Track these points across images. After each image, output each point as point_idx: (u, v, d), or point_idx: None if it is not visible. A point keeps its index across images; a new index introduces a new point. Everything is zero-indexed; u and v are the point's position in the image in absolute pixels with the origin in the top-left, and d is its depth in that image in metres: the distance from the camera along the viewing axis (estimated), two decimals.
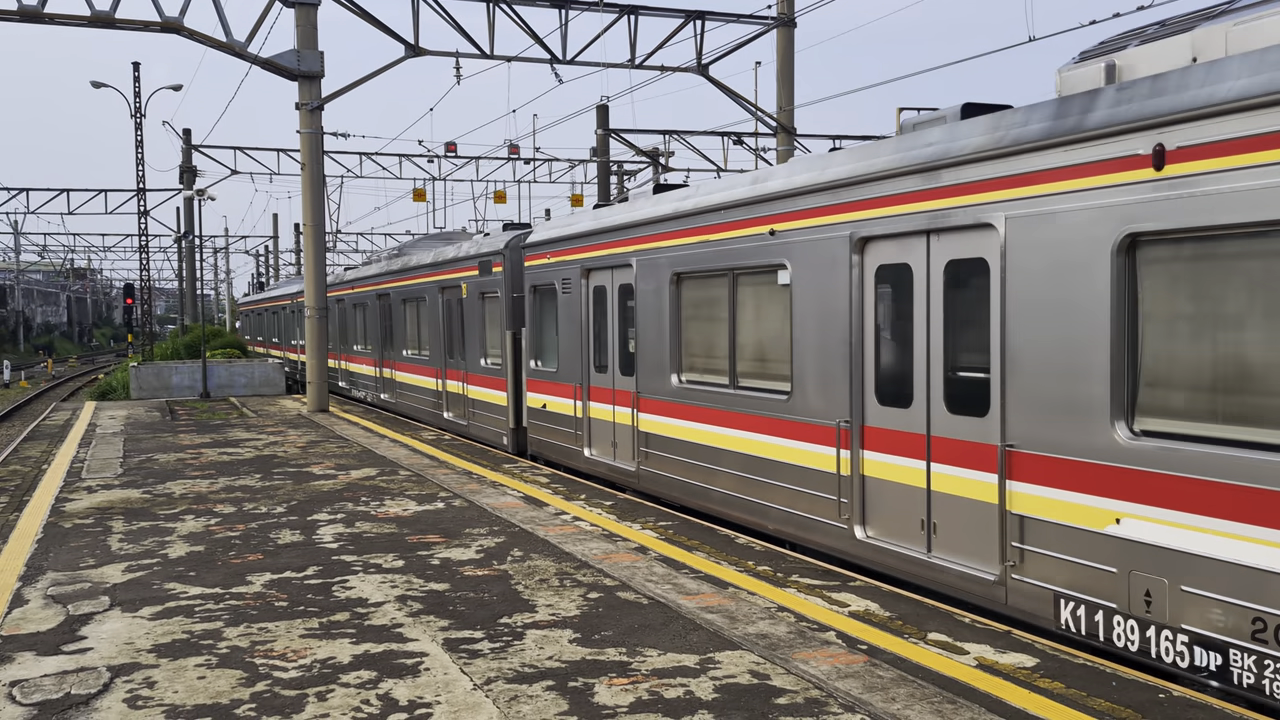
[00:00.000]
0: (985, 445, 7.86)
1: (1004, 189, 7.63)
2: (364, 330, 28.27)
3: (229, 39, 21.80)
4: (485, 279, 18.36)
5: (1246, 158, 6.02)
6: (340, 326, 31.60)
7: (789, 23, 26.81)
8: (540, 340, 16.48)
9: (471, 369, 19.36)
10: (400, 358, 24.66)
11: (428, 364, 22.37)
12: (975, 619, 7.51)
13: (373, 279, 27.14)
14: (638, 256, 13.04)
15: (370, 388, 27.74)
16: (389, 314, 25.63)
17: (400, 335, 24.65)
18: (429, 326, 22.07)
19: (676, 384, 12.28)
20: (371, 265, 28.28)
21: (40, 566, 9.65)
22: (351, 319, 29.97)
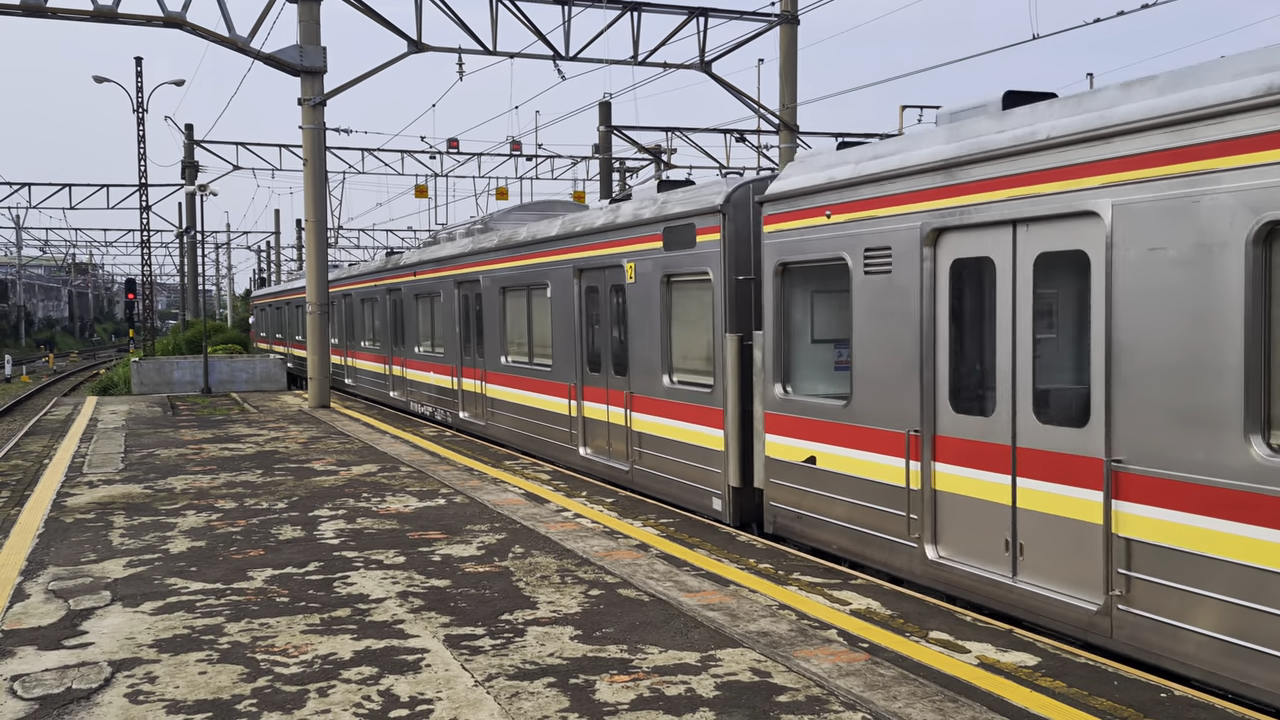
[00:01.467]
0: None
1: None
2: (430, 329, 22.54)
3: (232, 34, 21.78)
4: (676, 255, 12.17)
5: None
6: (392, 323, 25.54)
7: (792, 20, 26.77)
8: (798, 351, 10.43)
9: (641, 389, 13.08)
10: (495, 366, 18.29)
11: (547, 377, 16.00)
12: (976, 618, 7.50)
13: (447, 262, 21.01)
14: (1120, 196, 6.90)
15: (444, 404, 21.44)
16: (474, 307, 19.49)
17: (495, 337, 18.33)
18: (555, 325, 15.67)
19: None
20: (441, 245, 22.16)
21: (41, 561, 9.65)
22: (411, 315, 23.84)
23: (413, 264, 23.44)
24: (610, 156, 38.95)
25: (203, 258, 52.23)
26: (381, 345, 26.32)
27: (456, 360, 20.22)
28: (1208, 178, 6.26)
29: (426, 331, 22.62)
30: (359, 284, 28.88)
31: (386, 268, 25.81)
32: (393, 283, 25.11)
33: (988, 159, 7.72)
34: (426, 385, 22.46)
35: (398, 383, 25.01)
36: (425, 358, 22.47)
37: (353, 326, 30.03)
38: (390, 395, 25.57)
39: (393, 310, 25.30)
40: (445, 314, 21.02)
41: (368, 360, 28.01)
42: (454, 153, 42.01)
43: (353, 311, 29.94)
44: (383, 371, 26.31)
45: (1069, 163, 7.09)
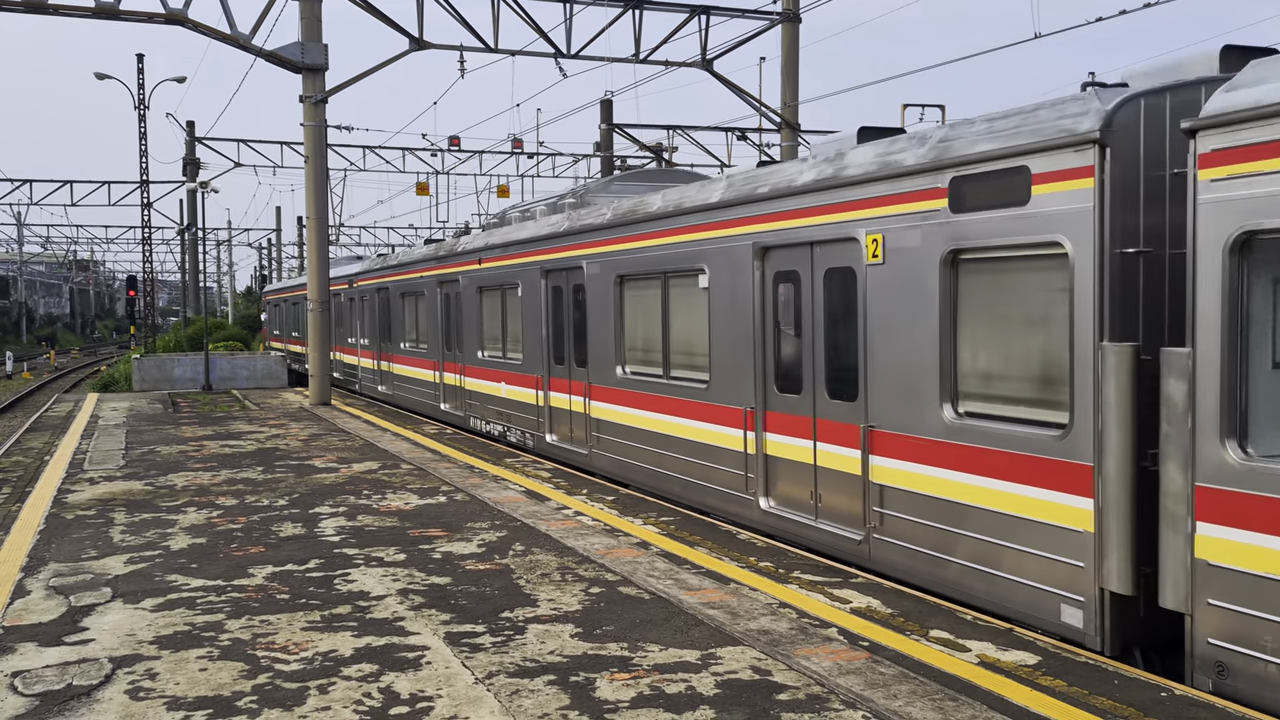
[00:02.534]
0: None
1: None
2: (500, 330, 17.90)
3: (233, 31, 21.78)
4: (979, 219, 7.94)
5: None
6: (445, 322, 21.15)
7: (794, 18, 26.76)
8: (1262, 382, 6.24)
9: (893, 423, 8.81)
10: (606, 379, 13.75)
11: (701, 397, 11.63)
12: (977, 616, 7.50)
13: (530, 245, 16.40)
14: None
15: (521, 423, 16.92)
16: (571, 302, 15.12)
17: (605, 341, 13.82)
18: (716, 328, 11.33)
19: None
20: (516, 226, 17.66)
21: (42, 557, 9.65)
22: (472, 312, 19.27)
23: (475, 249, 18.93)
24: (612, 154, 38.96)
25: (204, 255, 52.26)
26: (429, 348, 22.14)
27: (540, 368, 15.96)
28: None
29: (494, 333, 18.22)
30: (399, 275, 24.53)
31: (439, 255, 21.35)
32: (447, 273, 20.69)
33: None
34: (496, 399, 18.06)
35: (452, 393, 20.88)
36: (494, 364, 18.12)
37: (390, 325, 25.63)
38: (441, 408, 21.42)
39: (446, 306, 21.02)
40: (527, 311, 16.43)
41: (410, 365, 23.94)
42: (455, 150, 42.00)
43: (390, 307, 25.50)
44: (431, 379, 22.12)
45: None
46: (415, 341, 23.53)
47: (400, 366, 24.71)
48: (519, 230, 17.14)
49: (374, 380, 27.35)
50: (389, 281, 25.43)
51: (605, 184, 16.53)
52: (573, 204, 16.09)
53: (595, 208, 14.73)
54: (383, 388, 26.47)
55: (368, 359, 27.97)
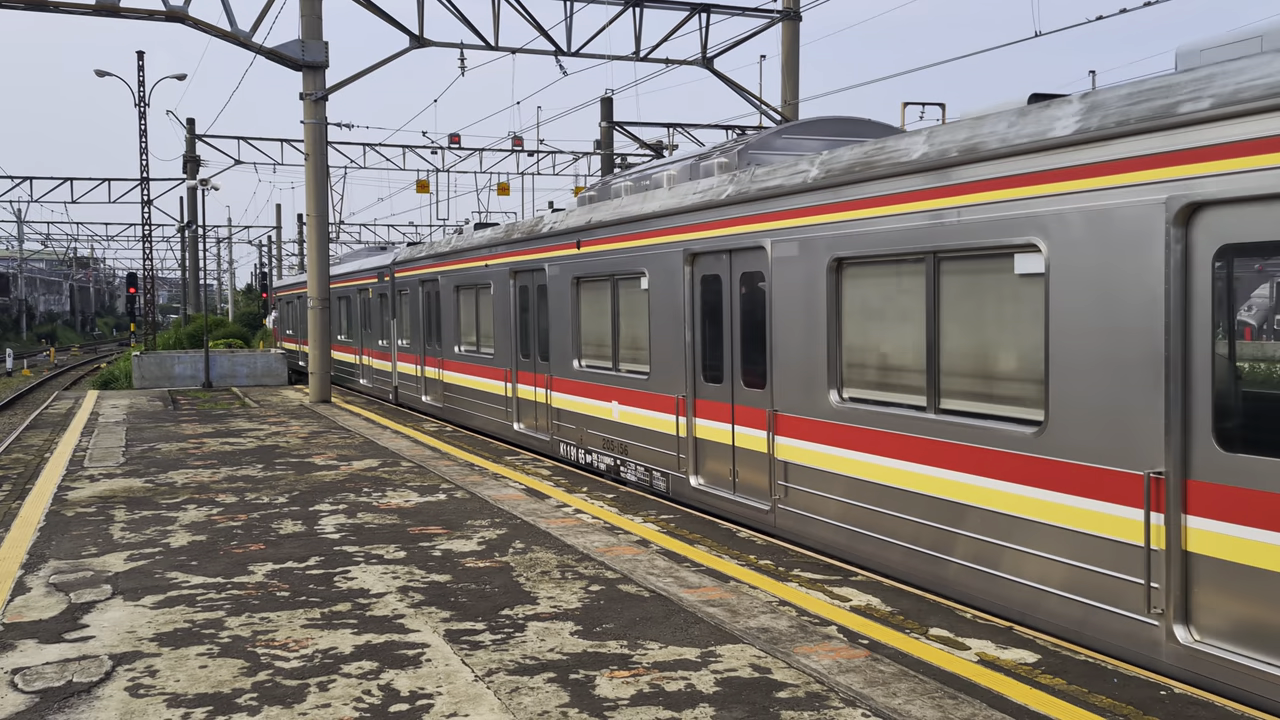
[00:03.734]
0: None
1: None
2: (610, 332, 13.97)
3: (233, 29, 21.78)
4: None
5: None
6: (521, 321, 17.16)
7: (794, 16, 26.76)
8: None
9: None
10: (803, 407, 10.03)
11: (976, 440, 7.96)
12: (977, 614, 7.51)
13: (661, 221, 12.45)
14: None
15: (644, 455, 13.05)
16: (718, 297, 11.49)
17: (796, 351, 10.12)
18: (950, 327, 8.36)
19: None
20: (632, 197, 13.58)
21: (43, 554, 9.66)
22: (563, 309, 15.22)
23: (570, 230, 14.82)
24: (612, 152, 38.97)
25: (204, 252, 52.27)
26: (498, 353, 18.05)
27: (681, 386, 11.94)
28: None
29: (598, 337, 14.30)
30: (453, 265, 20.50)
31: (512, 239, 17.21)
32: (525, 260, 16.63)
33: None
34: (602, 422, 14.09)
35: (530, 410, 16.75)
36: (599, 378, 14.11)
37: (438, 324, 21.62)
38: (515, 429, 17.30)
39: (522, 301, 17.04)
40: (659, 309, 12.39)
41: (468, 373, 19.77)
42: (455, 148, 42.00)
43: (438, 303, 21.58)
44: (498, 392, 18.03)
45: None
46: (475, 344, 19.41)
47: (454, 375, 20.57)
48: (641, 202, 13.01)
49: (415, 389, 23.35)
50: (438, 272, 21.37)
51: (767, 138, 12.26)
52: (725, 163, 11.93)
53: (772, 168, 10.47)
54: (428, 398, 22.29)
55: (408, 364, 23.97)
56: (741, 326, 11.03)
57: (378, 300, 26.92)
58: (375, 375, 27.47)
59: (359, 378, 29.53)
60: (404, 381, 24.47)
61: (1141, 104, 6.60)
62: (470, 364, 19.63)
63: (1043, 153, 7.24)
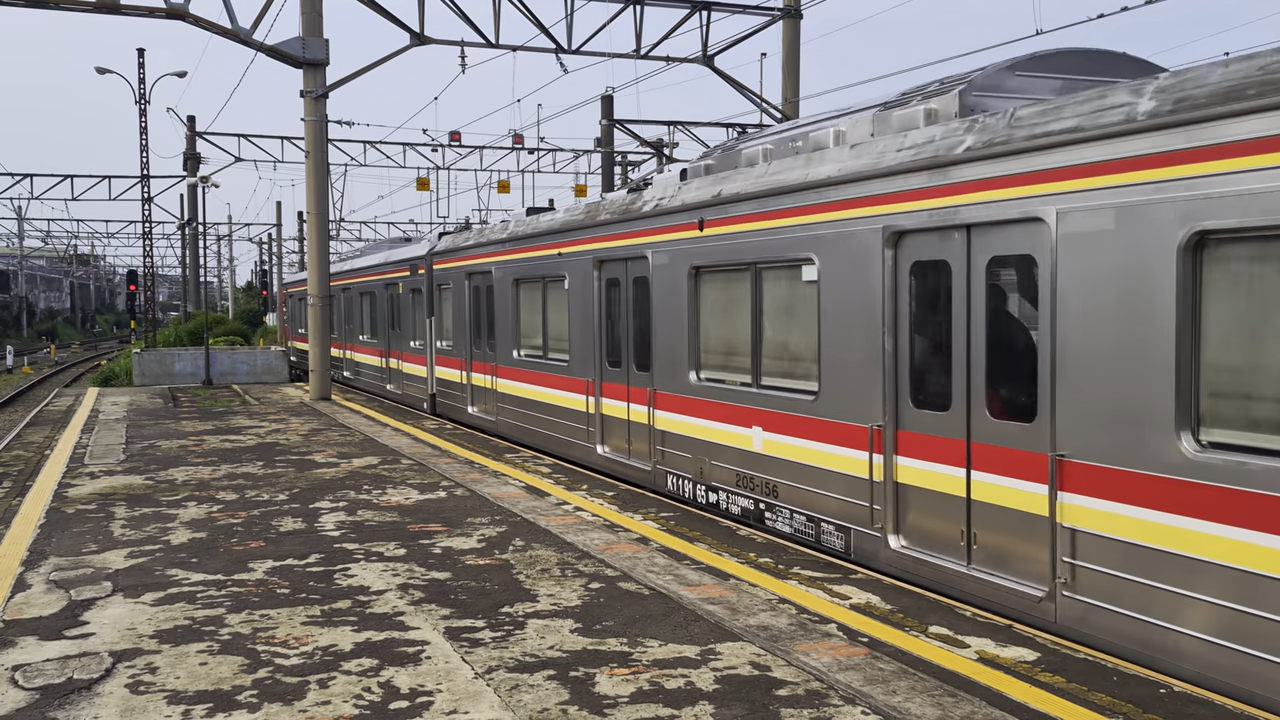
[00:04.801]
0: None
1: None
2: (794, 345, 10.46)
3: (234, 26, 21.77)
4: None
5: None
6: (623, 325, 13.89)
7: (795, 14, 26.74)
8: None
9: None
10: (1172, 463, 6.51)
11: None
12: (976, 613, 7.51)
13: (867, 183, 9.13)
14: None
15: (830, 511, 9.80)
16: (955, 294, 8.30)
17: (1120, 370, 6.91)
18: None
19: None
20: (811, 159, 10.13)
21: (43, 551, 9.66)
22: (726, 312, 11.60)
23: (687, 206, 11.80)
24: (612, 150, 38.94)
25: (204, 250, 52.27)
26: (573, 360, 15.12)
27: (875, 413, 8.97)
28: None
29: (732, 343, 11.36)
30: (512, 254, 17.45)
31: (597, 221, 14.22)
32: (616, 248, 13.70)
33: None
34: (738, 453, 11.08)
35: (622, 430, 13.80)
36: (730, 395, 11.20)
37: (492, 323, 18.48)
38: (600, 452, 14.30)
39: (611, 296, 14.21)
40: (838, 306, 9.45)
41: (535, 384, 16.56)
42: (456, 146, 41.99)
43: (489, 299, 18.72)
44: (579, 408, 14.95)
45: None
46: (542, 349, 16.53)
47: (512, 384, 17.53)
48: (803, 166, 10.04)
49: (458, 398, 20.62)
50: (491, 263, 18.43)
51: (996, 74, 9.25)
52: (935, 110, 9.09)
53: (1051, 106, 7.57)
54: (476, 410, 19.47)
55: (449, 369, 21.15)
56: (989, 332, 7.94)
57: (409, 296, 24.11)
58: (406, 381, 24.47)
59: (386, 383, 26.47)
60: (444, 389, 21.57)
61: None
62: (535, 372, 16.54)
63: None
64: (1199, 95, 6.42)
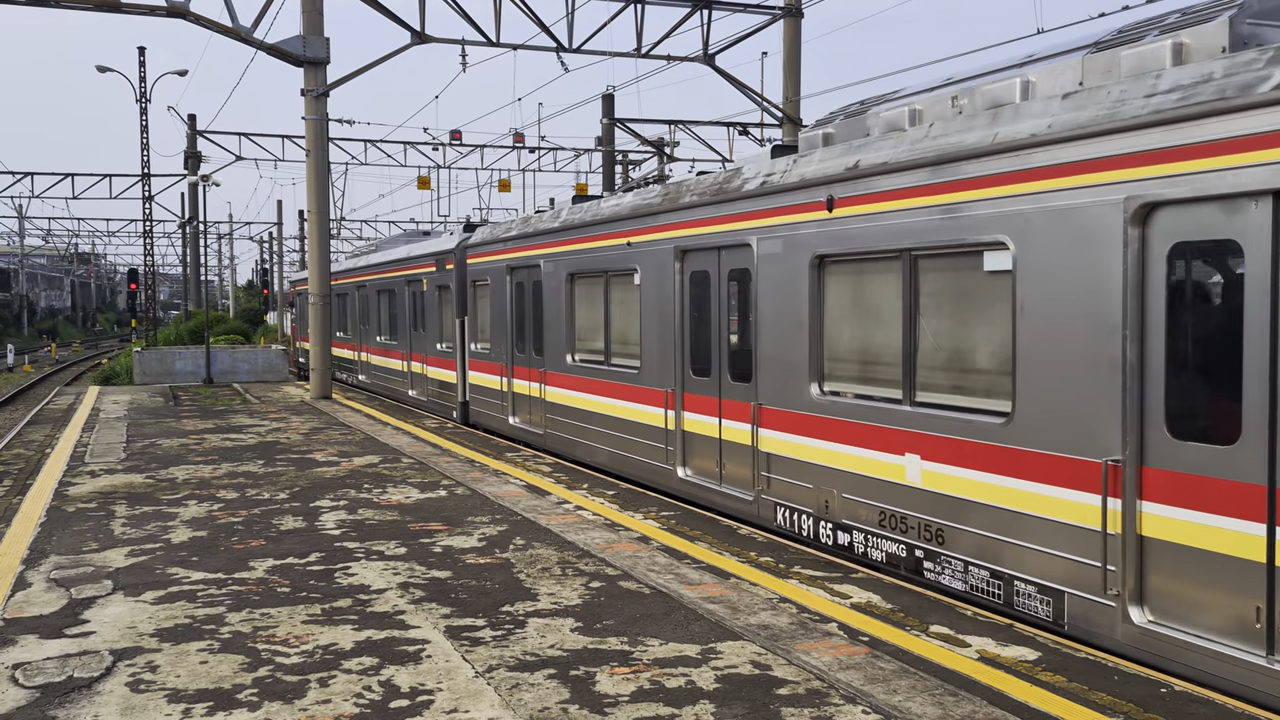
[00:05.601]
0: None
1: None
2: (988, 355, 8.18)
3: (235, 24, 21.76)
4: None
5: None
6: (718, 327, 11.75)
7: (796, 13, 26.73)
8: None
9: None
10: None
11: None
12: (977, 612, 7.51)
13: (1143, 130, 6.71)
14: None
15: None
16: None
17: None
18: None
19: None
20: (1011, 115, 7.83)
21: (43, 550, 9.66)
22: (867, 310, 9.46)
23: (816, 180, 9.75)
24: (613, 149, 38.93)
25: (205, 248, 52.25)
26: (650, 367, 12.91)
27: (1114, 444, 6.91)
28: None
29: (866, 348, 9.47)
30: (570, 244, 15.31)
31: (681, 204, 12.12)
32: (713, 234, 11.55)
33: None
34: (886, 486, 9.04)
35: (710, 451, 11.74)
36: (878, 414, 9.16)
37: (541, 324, 16.46)
38: (681, 475, 12.28)
39: (697, 293, 12.07)
40: (1044, 303, 7.49)
41: (595, 393, 14.52)
42: (457, 145, 41.98)
43: (542, 296, 16.39)
44: (654, 422, 12.80)
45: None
46: (604, 353, 14.48)
47: (566, 393, 15.50)
48: (973, 128, 8.14)
49: (497, 407, 18.58)
50: (540, 256, 16.41)
51: None
52: (1185, 46, 7.02)
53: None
54: (518, 420, 17.64)
55: (485, 374, 19.14)
56: None
57: (435, 294, 22.08)
58: (432, 387, 22.61)
59: (407, 389, 24.51)
60: (479, 397, 19.59)
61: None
62: (594, 379, 14.56)
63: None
64: None
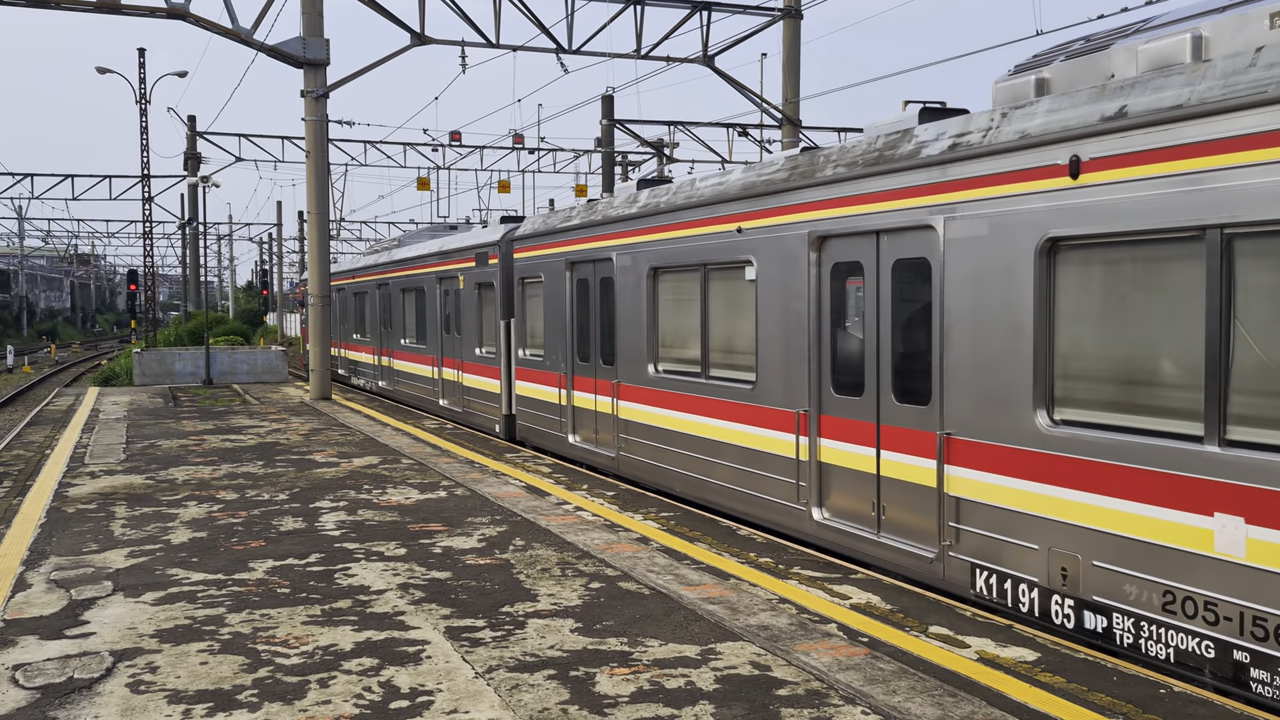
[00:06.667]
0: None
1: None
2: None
3: (235, 26, 21.77)
4: None
5: None
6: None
7: (795, 14, 26.75)
8: None
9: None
10: None
11: None
12: (976, 613, 7.51)
13: None
14: None
15: None
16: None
17: None
18: None
19: None
20: None
21: (43, 551, 9.67)
22: None
23: (1055, 136, 7.24)
24: (613, 150, 38.92)
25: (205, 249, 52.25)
26: (773, 383, 10.60)
27: None
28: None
29: (1135, 362, 6.90)
30: (654, 232, 13.02)
31: (821, 178, 9.79)
32: (874, 214, 9.15)
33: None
34: (1190, 561, 6.47)
35: (861, 490, 9.42)
36: (1169, 458, 6.57)
37: (613, 327, 14.11)
38: (817, 518, 9.93)
39: (838, 292, 9.82)
40: None
41: (688, 411, 12.24)
42: (456, 145, 41.98)
43: (614, 295, 14.10)
44: (781, 451, 10.50)
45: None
46: (699, 363, 12.09)
47: (645, 409, 13.20)
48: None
49: (553, 423, 16.22)
50: (612, 248, 14.09)
51: None
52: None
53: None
54: (579, 439, 15.34)
55: (539, 385, 16.81)
56: None
57: (474, 292, 19.96)
58: (469, 397, 20.40)
59: (437, 398, 22.45)
60: (529, 410, 17.27)
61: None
62: (690, 395, 12.17)
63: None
64: None
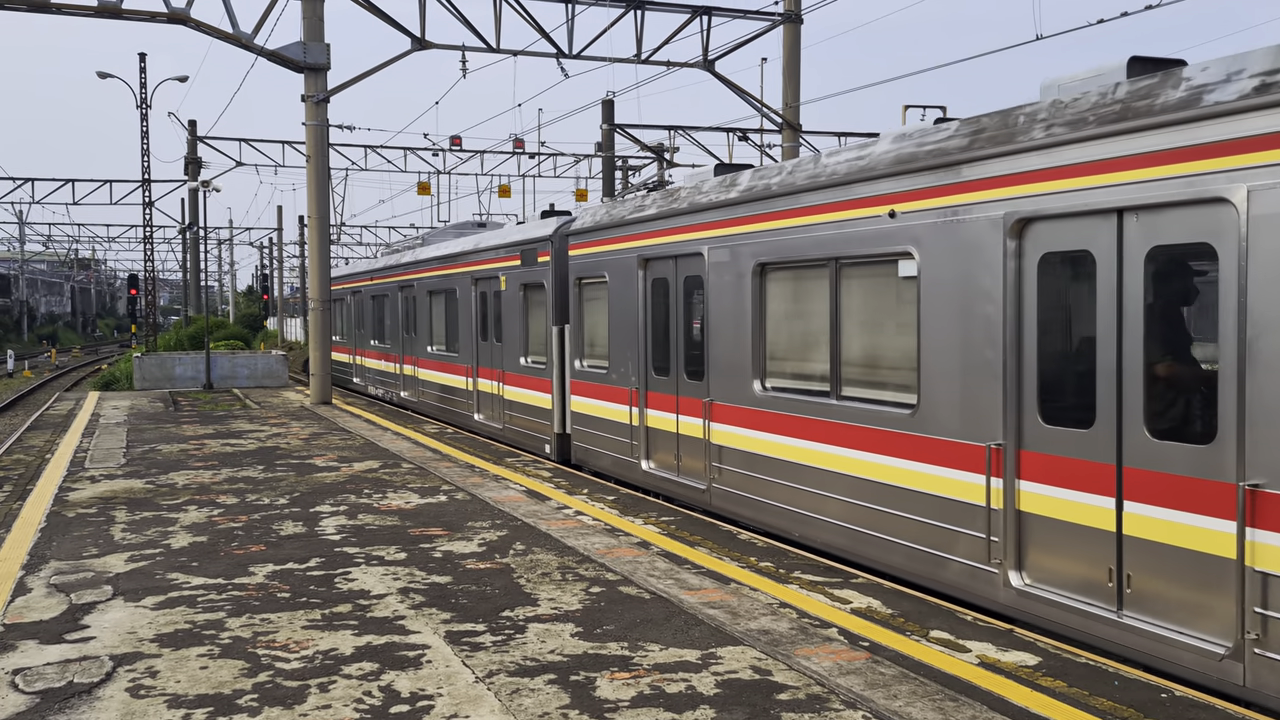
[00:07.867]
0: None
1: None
2: None
3: (235, 31, 21.79)
4: None
5: None
6: None
7: (795, 19, 26.77)
8: None
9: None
10: None
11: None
12: (977, 617, 7.51)
13: None
14: None
15: None
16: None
17: None
18: None
19: None
20: None
21: (43, 555, 9.66)
22: None
23: None
24: (613, 155, 38.95)
25: (205, 254, 52.26)
26: (946, 409, 8.26)
27: None
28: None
29: None
30: (753, 222, 10.87)
31: (1014, 145, 7.41)
32: (1127, 185, 6.58)
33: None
34: None
35: (1095, 553, 6.97)
36: None
37: (705, 336, 11.85)
38: (1018, 584, 7.54)
39: (1056, 291, 7.36)
40: None
41: (813, 439, 9.95)
42: (457, 150, 42.00)
43: (700, 299, 12.16)
44: (961, 495, 8.11)
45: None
46: (829, 380, 9.89)
47: (748, 434, 11.08)
48: None
49: (620, 446, 14.11)
50: (703, 240, 11.87)
51: None
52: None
53: None
54: (653, 465, 13.28)
55: (599, 400, 14.80)
56: None
57: (518, 294, 17.90)
58: (511, 412, 18.34)
59: (472, 411, 20.47)
60: (588, 430, 15.17)
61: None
62: (814, 419, 9.95)
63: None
64: None
